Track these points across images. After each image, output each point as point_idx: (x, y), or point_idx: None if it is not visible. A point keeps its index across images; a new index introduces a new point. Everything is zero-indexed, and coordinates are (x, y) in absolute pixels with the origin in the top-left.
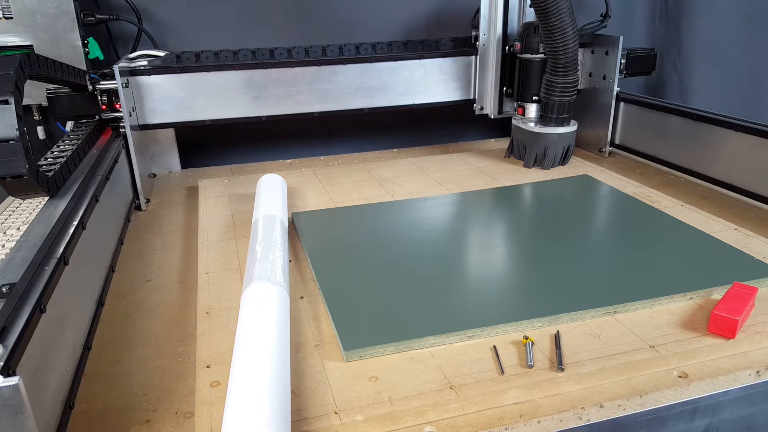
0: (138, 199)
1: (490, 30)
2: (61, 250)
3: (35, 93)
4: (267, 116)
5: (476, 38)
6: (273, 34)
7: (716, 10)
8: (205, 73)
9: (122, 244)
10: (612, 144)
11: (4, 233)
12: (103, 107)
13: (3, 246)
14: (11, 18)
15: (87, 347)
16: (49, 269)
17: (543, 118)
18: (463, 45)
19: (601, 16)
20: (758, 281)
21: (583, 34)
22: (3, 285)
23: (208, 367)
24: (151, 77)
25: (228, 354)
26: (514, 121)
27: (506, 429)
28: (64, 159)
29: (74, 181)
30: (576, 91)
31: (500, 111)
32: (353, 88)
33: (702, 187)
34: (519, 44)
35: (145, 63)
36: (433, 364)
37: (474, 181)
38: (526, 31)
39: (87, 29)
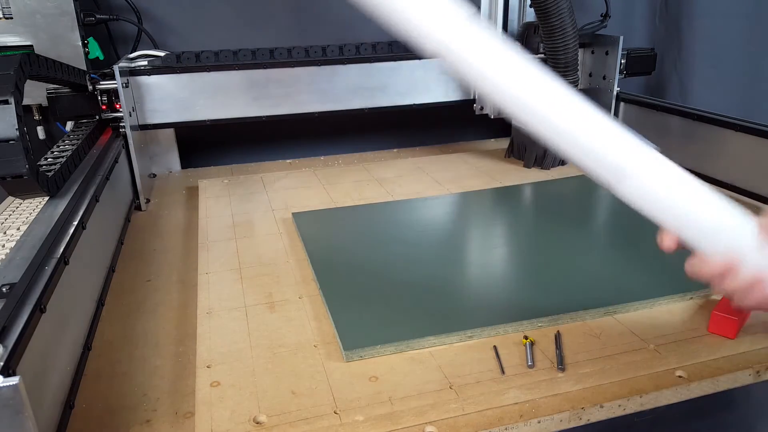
0: (138, 199)
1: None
2: (61, 250)
3: (35, 93)
4: (267, 116)
5: None
6: (273, 34)
7: (716, 10)
8: (205, 73)
9: (122, 244)
10: None
11: (4, 233)
12: (103, 107)
13: (3, 246)
14: (11, 18)
15: (87, 347)
16: (49, 269)
17: None
18: None
19: (601, 16)
20: None
21: (583, 34)
22: (3, 285)
23: (208, 367)
24: (151, 77)
25: (228, 354)
26: (514, 121)
27: (506, 429)
28: (64, 159)
29: (74, 181)
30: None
31: (500, 111)
32: (353, 88)
33: None
34: (519, 44)
35: (145, 63)
36: (433, 364)
37: (474, 181)
38: (526, 31)
39: (87, 29)
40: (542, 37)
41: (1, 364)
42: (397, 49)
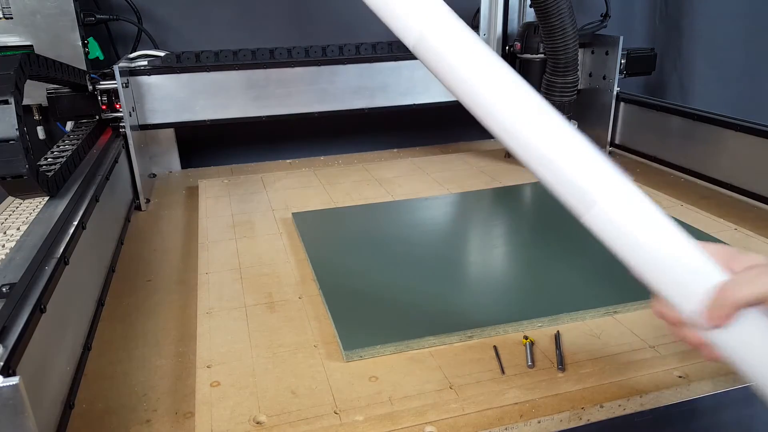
0: (138, 199)
1: (490, 30)
2: (61, 250)
3: (35, 93)
4: (267, 116)
5: None
6: (273, 34)
7: (716, 10)
8: (205, 73)
9: (122, 244)
10: (612, 144)
11: (4, 233)
12: (103, 107)
13: (3, 246)
14: (11, 18)
15: (87, 347)
16: (49, 269)
17: None
18: None
19: (601, 16)
20: None
21: (583, 34)
22: (3, 285)
23: (208, 367)
24: (151, 77)
25: (228, 354)
26: None
27: (506, 429)
28: (64, 159)
29: (74, 181)
30: (576, 92)
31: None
32: (353, 88)
33: (702, 187)
34: (519, 44)
35: (145, 63)
36: (433, 364)
37: (474, 181)
38: (526, 31)
39: (87, 29)
40: (542, 37)
41: (1, 364)
42: (397, 49)
